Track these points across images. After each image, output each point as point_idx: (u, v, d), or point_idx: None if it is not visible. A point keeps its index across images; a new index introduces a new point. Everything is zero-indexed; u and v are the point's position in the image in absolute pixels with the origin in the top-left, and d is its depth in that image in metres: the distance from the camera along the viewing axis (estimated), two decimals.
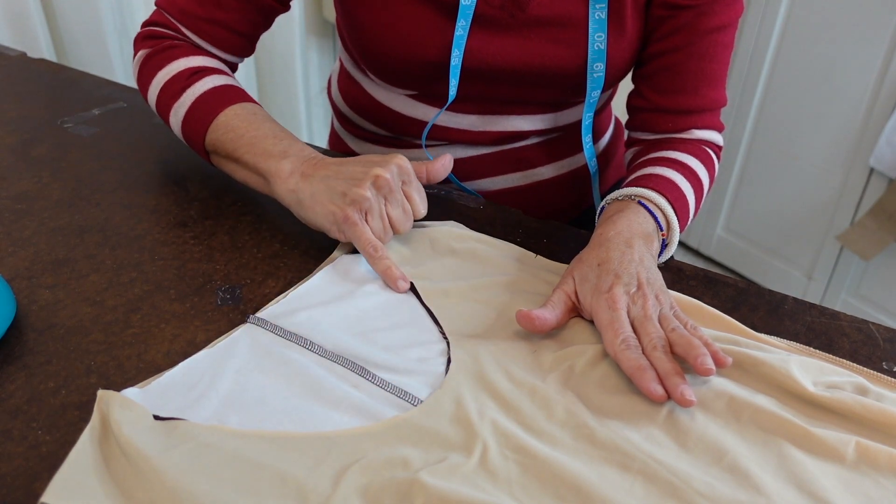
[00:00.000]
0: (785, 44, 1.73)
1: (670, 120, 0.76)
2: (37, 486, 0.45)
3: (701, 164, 0.74)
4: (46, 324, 0.58)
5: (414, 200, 0.65)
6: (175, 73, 0.73)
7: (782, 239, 1.91)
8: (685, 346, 0.53)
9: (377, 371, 0.53)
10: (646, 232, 0.63)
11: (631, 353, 0.53)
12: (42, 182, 0.77)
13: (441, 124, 0.83)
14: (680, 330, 0.55)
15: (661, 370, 0.52)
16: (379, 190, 0.62)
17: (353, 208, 0.62)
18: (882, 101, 1.59)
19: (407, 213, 0.64)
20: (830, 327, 0.61)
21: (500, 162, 0.86)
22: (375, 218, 0.63)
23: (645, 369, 0.52)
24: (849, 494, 0.46)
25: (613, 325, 0.55)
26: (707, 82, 0.75)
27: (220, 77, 0.73)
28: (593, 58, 0.74)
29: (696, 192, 0.72)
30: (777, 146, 1.83)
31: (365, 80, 0.85)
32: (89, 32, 1.56)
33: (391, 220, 0.64)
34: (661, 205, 0.66)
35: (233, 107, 0.70)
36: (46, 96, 0.96)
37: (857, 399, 0.51)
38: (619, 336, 0.54)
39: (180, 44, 0.75)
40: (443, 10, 0.72)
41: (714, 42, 0.73)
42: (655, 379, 0.51)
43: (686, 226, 0.70)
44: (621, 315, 0.56)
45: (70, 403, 0.51)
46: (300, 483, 0.44)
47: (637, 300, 0.57)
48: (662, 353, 0.53)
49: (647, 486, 0.45)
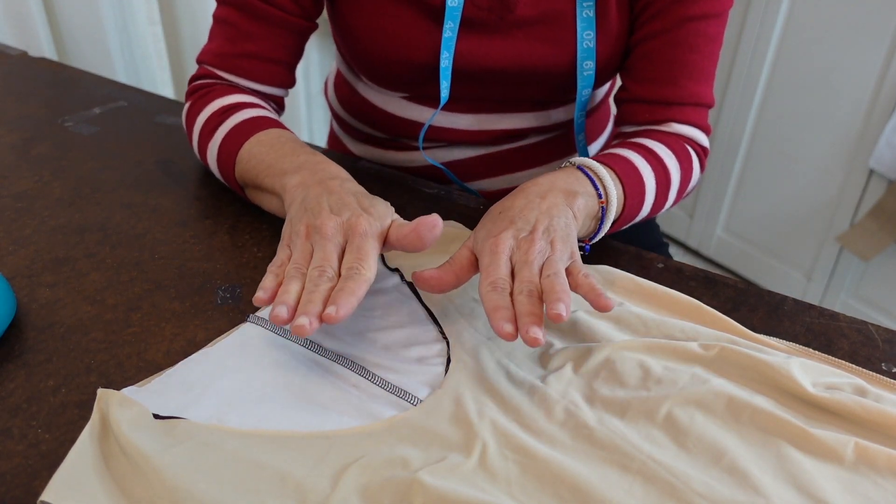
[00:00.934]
0: (785, 44, 1.73)
1: (647, 110, 0.74)
2: (36, 484, 0.45)
3: (672, 154, 0.71)
4: (46, 322, 0.58)
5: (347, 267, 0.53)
6: (209, 115, 0.72)
7: (782, 240, 1.91)
8: (547, 291, 0.51)
9: (377, 370, 0.53)
10: (570, 189, 0.61)
11: (494, 294, 0.51)
12: (42, 181, 0.77)
13: (437, 125, 0.83)
14: (555, 277, 0.52)
15: (518, 311, 0.50)
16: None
17: (305, 232, 0.56)
18: (882, 103, 1.59)
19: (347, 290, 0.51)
20: (830, 328, 0.61)
21: (499, 162, 0.86)
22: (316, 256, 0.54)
23: (499, 308, 0.50)
24: (848, 495, 0.46)
25: (488, 269, 0.53)
26: (687, 74, 0.72)
27: (251, 110, 0.71)
28: (582, 56, 0.74)
29: (659, 177, 0.69)
30: (777, 147, 1.83)
31: (359, 82, 0.86)
32: (90, 31, 1.56)
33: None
34: (600, 173, 0.63)
35: (257, 135, 0.68)
36: (47, 95, 0.96)
37: (856, 400, 0.51)
38: (489, 279, 0.53)
39: (217, 87, 0.74)
40: (430, 13, 0.73)
41: (695, 31, 0.71)
42: (508, 318, 0.50)
43: (642, 212, 0.68)
44: (499, 259, 0.54)
45: (70, 402, 0.51)
46: (299, 482, 0.44)
47: (522, 245, 0.55)
48: (526, 297, 0.51)
49: (646, 486, 0.45)
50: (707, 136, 0.76)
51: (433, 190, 0.79)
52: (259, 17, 0.72)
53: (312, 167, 0.63)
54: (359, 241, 0.55)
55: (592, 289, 0.53)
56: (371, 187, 0.78)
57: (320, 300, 0.50)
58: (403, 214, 0.74)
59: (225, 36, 0.74)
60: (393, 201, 0.76)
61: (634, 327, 0.58)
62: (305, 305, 0.50)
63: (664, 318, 0.59)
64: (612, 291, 0.63)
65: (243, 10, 0.72)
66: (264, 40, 0.73)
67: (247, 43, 0.73)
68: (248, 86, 0.75)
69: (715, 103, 0.75)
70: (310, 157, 0.65)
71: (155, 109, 0.94)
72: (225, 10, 0.73)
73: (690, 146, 0.74)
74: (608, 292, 0.63)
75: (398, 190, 0.78)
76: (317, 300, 0.50)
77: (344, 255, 0.55)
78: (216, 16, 0.75)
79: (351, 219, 0.56)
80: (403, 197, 0.77)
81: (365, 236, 0.55)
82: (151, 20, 1.68)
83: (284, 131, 0.70)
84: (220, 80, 0.75)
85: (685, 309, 0.60)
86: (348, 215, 0.56)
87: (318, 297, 0.51)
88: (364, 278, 0.52)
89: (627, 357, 0.55)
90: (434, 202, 0.77)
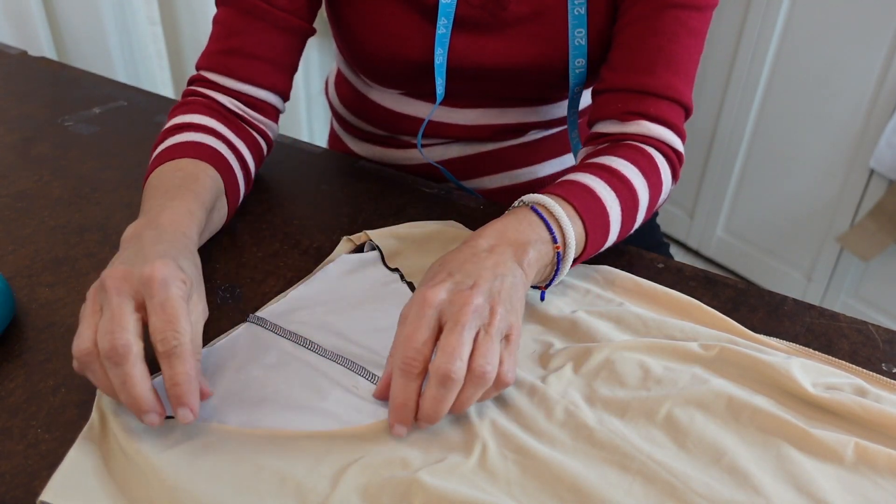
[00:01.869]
0: (785, 44, 1.73)
1: (622, 99, 0.69)
2: (36, 484, 0.45)
3: (639, 172, 0.65)
4: (46, 322, 0.58)
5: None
6: (161, 132, 0.68)
7: (782, 240, 1.91)
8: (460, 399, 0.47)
9: (377, 371, 0.53)
10: (520, 240, 0.55)
11: (402, 380, 0.47)
12: (42, 180, 0.77)
13: (436, 120, 0.83)
14: (478, 380, 0.47)
15: (421, 407, 0.47)
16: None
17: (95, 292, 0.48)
18: (882, 103, 1.59)
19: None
20: (830, 328, 0.61)
21: (499, 159, 0.87)
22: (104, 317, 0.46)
23: (402, 407, 0.47)
24: (847, 495, 0.46)
25: (408, 334, 0.47)
26: (664, 62, 0.68)
27: (191, 134, 0.66)
28: (574, 53, 0.74)
29: (626, 203, 0.63)
30: (777, 147, 1.83)
31: (358, 80, 0.86)
32: (90, 31, 1.56)
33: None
34: (557, 214, 0.57)
35: (167, 164, 0.63)
36: (47, 95, 0.96)
37: (856, 400, 0.51)
38: (405, 352, 0.47)
39: (196, 102, 0.70)
40: (423, 10, 0.73)
41: (674, 20, 0.67)
42: (406, 421, 0.47)
43: (606, 243, 0.63)
44: (423, 316, 0.47)
45: (69, 402, 0.51)
46: (299, 482, 0.44)
47: (457, 300, 0.48)
48: (436, 389, 0.46)
49: (646, 486, 0.45)
50: (682, 140, 0.70)
51: (433, 190, 0.79)
52: (247, 12, 0.70)
53: (153, 217, 0.55)
54: (161, 295, 0.46)
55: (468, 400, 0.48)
56: (371, 187, 0.79)
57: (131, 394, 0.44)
58: (404, 214, 0.74)
59: (215, 36, 0.72)
60: (393, 201, 0.76)
61: (634, 327, 0.58)
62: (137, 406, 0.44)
63: (664, 318, 0.59)
64: (612, 291, 0.63)
65: (233, 6, 0.70)
66: (250, 36, 0.70)
67: (233, 38, 0.70)
68: (233, 86, 0.70)
69: (693, 109, 0.70)
70: (163, 203, 0.57)
71: (155, 109, 0.94)
72: (219, 11, 0.72)
73: (661, 151, 0.68)
74: (608, 292, 0.63)
75: (398, 190, 0.78)
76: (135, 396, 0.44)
77: (149, 317, 0.46)
78: (213, 19, 0.73)
79: (145, 269, 0.47)
80: (403, 197, 0.77)
81: (166, 286, 0.46)
82: (151, 20, 1.68)
83: (191, 163, 0.63)
84: (206, 86, 0.71)
85: (685, 309, 0.60)
86: (143, 266, 0.47)
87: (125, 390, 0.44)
88: (186, 351, 0.45)
89: (627, 357, 0.55)
90: (434, 202, 0.77)
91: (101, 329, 0.45)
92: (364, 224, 0.72)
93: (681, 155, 0.70)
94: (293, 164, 0.83)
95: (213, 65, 0.71)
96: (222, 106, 0.71)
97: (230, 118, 0.71)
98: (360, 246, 0.68)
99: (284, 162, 0.83)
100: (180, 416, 0.45)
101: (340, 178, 0.81)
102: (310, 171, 0.82)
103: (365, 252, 0.67)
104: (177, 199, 0.58)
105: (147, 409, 0.45)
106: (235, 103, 0.71)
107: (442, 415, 0.47)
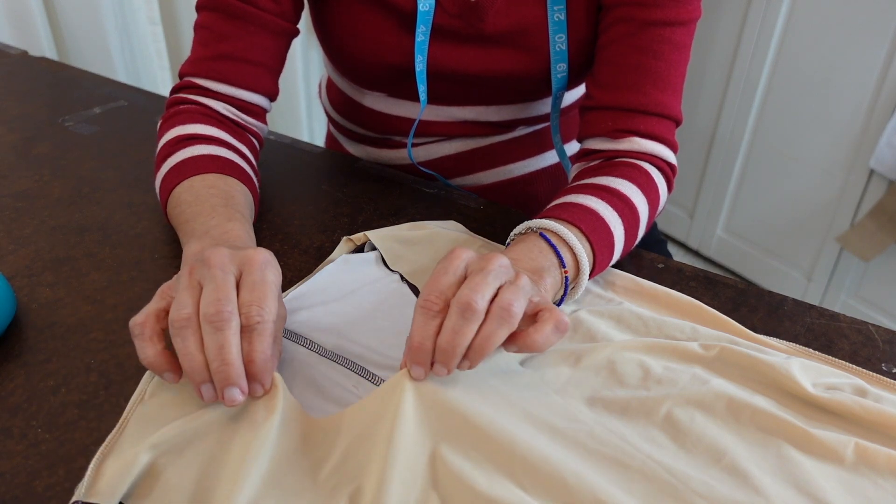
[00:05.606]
0: (785, 44, 1.73)
1: (611, 118, 0.69)
2: (36, 483, 0.45)
3: (637, 189, 0.66)
4: (46, 322, 0.58)
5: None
6: (165, 143, 0.67)
7: (782, 240, 1.91)
8: (479, 341, 0.47)
9: (377, 371, 0.53)
10: (536, 267, 0.55)
11: (421, 318, 0.47)
12: (43, 180, 0.77)
13: (425, 119, 0.83)
14: (499, 321, 0.47)
15: (438, 343, 0.47)
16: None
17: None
18: (882, 103, 1.59)
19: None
20: (830, 328, 0.61)
21: (489, 155, 0.87)
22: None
23: (419, 348, 0.47)
24: (847, 495, 0.46)
25: (434, 277, 0.48)
26: (651, 81, 0.68)
27: (202, 146, 0.66)
28: (555, 58, 0.74)
29: (627, 221, 0.64)
30: (777, 147, 1.83)
31: (344, 83, 0.86)
32: (90, 31, 1.57)
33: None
34: (566, 238, 0.58)
35: (191, 179, 0.63)
36: (47, 95, 0.96)
37: (856, 400, 0.51)
38: (427, 292, 0.48)
39: (188, 110, 0.70)
40: (402, 17, 0.73)
41: (660, 38, 0.68)
42: (424, 362, 0.47)
43: (611, 262, 0.63)
44: (451, 264, 0.49)
45: (70, 402, 0.51)
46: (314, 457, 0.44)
47: (481, 261, 0.49)
48: (456, 319, 0.46)
49: (646, 486, 0.45)
50: (674, 151, 0.71)
51: (433, 190, 0.79)
52: (235, 17, 0.69)
53: (218, 236, 0.57)
54: (257, 275, 0.48)
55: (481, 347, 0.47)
56: (371, 187, 0.79)
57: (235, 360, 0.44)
58: (404, 214, 0.74)
59: (201, 41, 0.71)
60: (393, 202, 0.76)
61: (634, 327, 0.58)
62: (221, 374, 0.44)
63: (664, 318, 0.59)
64: (612, 291, 0.63)
65: (219, 11, 0.69)
66: (240, 40, 0.70)
67: (222, 43, 0.69)
68: (226, 91, 0.70)
69: (683, 120, 0.70)
70: (221, 223, 0.58)
71: (155, 109, 0.94)
72: (201, 16, 0.71)
73: (656, 166, 0.69)
74: (608, 292, 0.63)
75: (398, 190, 0.78)
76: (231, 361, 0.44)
77: (239, 292, 0.47)
78: (195, 25, 0.72)
79: (248, 251, 0.50)
80: (403, 197, 0.77)
81: (264, 268, 0.49)
82: (151, 20, 1.69)
83: (221, 179, 0.64)
84: (197, 93, 0.71)
85: (685, 309, 0.60)
86: (245, 250, 0.50)
87: (230, 356, 0.44)
88: (267, 329, 0.46)
89: (627, 357, 0.55)
90: (434, 202, 0.77)
91: (205, 297, 0.46)
92: (364, 224, 0.72)
93: (674, 167, 0.71)
94: (293, 164, 0.83)
95: (205, 70, 0.70)
96: (217, 112, 0.70)
97: (228, 125, 0.71)
98: (361, 246, 0.68)
99: (284, 162, 0.83)
100: (253, 390, 0.45)
101: (340, 178, 0.81)
102: (310, 171, 0.82)
103: (365, 252, 0.67)
104: (233, 221, 0.59)
105: (234, 377, 0.44)
106: (229, 108, 0.71)
107: (459, 350, 0.46)
